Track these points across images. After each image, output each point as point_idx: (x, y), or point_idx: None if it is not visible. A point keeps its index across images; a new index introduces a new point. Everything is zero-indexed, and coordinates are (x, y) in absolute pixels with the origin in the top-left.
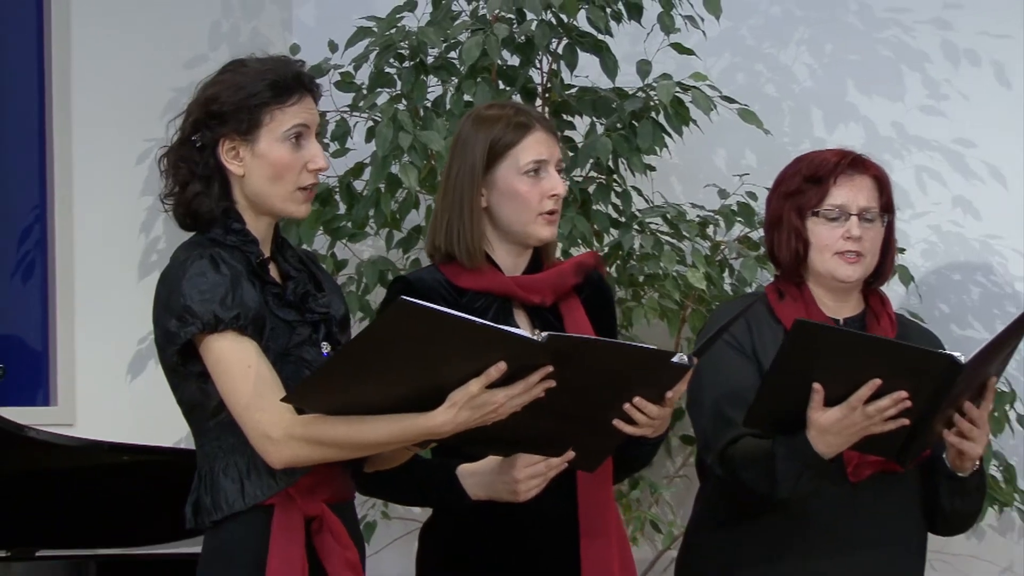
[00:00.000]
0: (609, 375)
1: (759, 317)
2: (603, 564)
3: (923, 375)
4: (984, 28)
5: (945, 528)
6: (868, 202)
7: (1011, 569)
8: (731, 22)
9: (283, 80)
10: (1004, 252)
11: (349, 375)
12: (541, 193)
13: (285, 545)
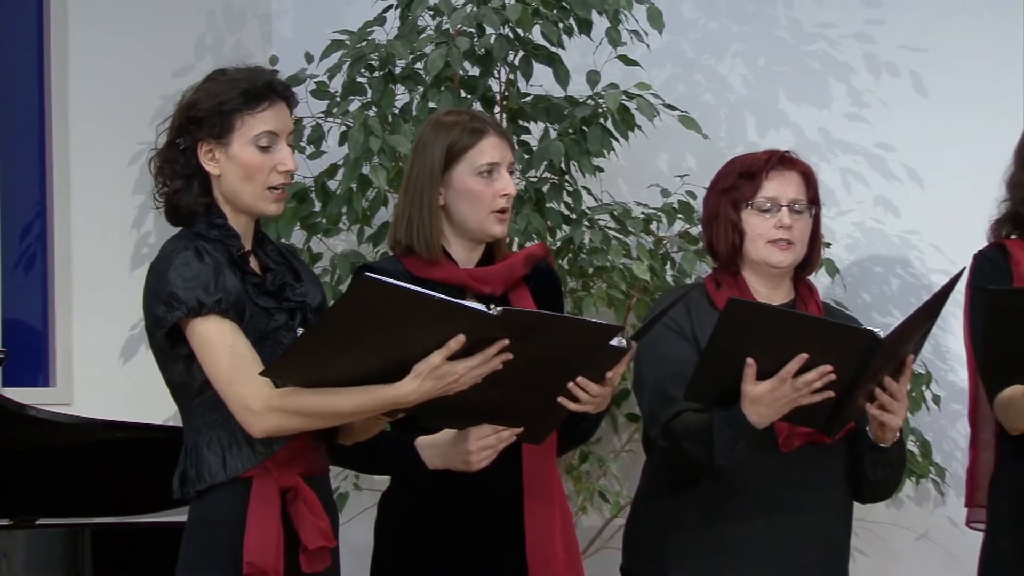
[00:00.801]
0: (558, 350)
1: (698, 304)
2: (545, 527)
3: (846, 350)
4: (903, 42)
5: (869, 496)
6: (797, 194)
7: (927, 536)
8: (672, 36)
9: (254, 88)
10: (921, 247)
11: (321, 349)
12: (494, 193)
13: (262, 514)
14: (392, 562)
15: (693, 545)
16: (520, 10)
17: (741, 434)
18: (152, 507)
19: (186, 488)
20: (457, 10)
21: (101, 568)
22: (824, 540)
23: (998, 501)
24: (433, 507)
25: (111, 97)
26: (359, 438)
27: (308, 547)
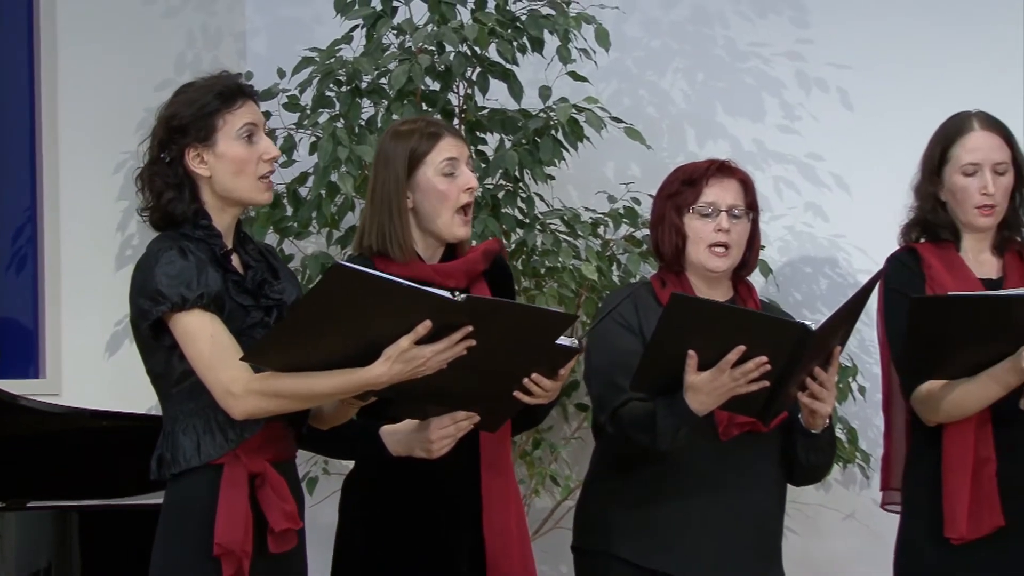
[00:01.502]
0: (517, 336)
1: (645, 301)
2: (501, 504)
3: (780, 342)
4: (831, 60)
5: (802, 479)
6: (735, 200)
7: (853, 516)
8: (618, 54)
9: (227, 89)
10: (848, 249)
11: (297, 335)
12: (458, 188)
13: (231, 498)
14: (355, 539)
15: (638, 523)
16: (478, 30)
17: (683, 421)
18: (134, 490)
19: (163, 470)
20: (419, 29)
21: (88, 547)
22: (758, 519)
23: (913, 486)
24: (394, 487)
25: (97, 109)
26: (332, 423)
27: (274, 529)
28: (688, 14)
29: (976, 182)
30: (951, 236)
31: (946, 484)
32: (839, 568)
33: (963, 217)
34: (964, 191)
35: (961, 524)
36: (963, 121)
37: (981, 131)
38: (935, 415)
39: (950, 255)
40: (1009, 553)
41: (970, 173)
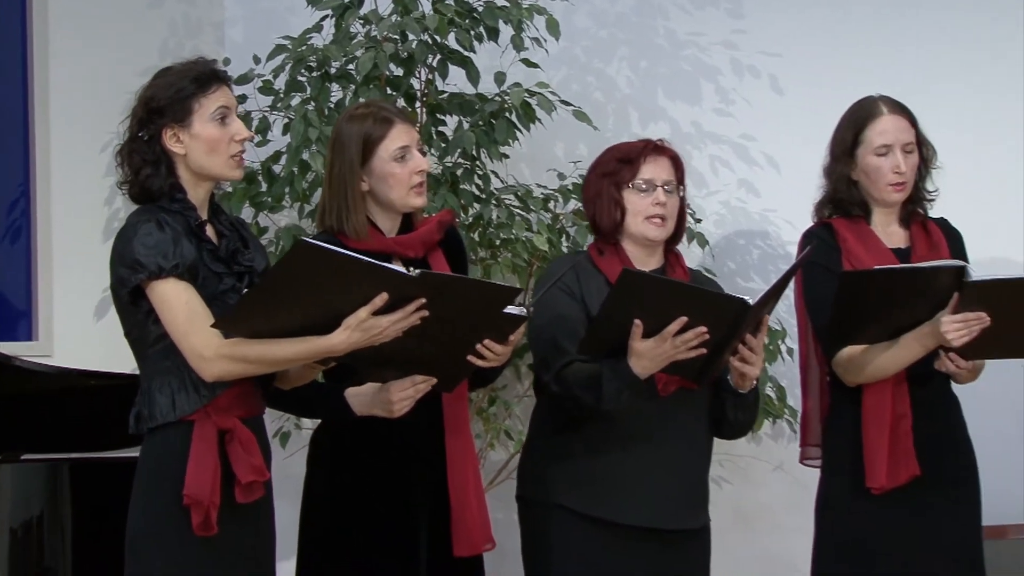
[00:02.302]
0: (467, 307)
1: (585, 269)
2: (462, 459)
3: (720, 315)
4: (763, 48)
5: (728, 434)
6: (669, 176)
7: (781, 467)
8: (568, 43)
9: (203, 74)
10: (778, 223)
11: (264, 305)
12: (410, 171)
13: (201, 453)
14: (322, 490)
15: (577, 474)
16: (438, 20)
17: (626, 383)
18: (120, 443)
19: (140, 424)
20: (384, 19)
21: (78, 495)
22: (690, 469)
23: (834, 442)
24: (359, 443)
25: (86, 93)
26: (295, 384)
27: (241, 481)
28: (632, 6)
29: (888, 162)
30: (861, 211)
31: (866, 439)
32: (768, 515)
33: (876, 194)
34: (878, 171)
35: (881, 475)
36: (872, 106)
37: (890, 115)
38: (857, 377)
39: (862, 228)
40: (922, 501)
41: (882, 154)
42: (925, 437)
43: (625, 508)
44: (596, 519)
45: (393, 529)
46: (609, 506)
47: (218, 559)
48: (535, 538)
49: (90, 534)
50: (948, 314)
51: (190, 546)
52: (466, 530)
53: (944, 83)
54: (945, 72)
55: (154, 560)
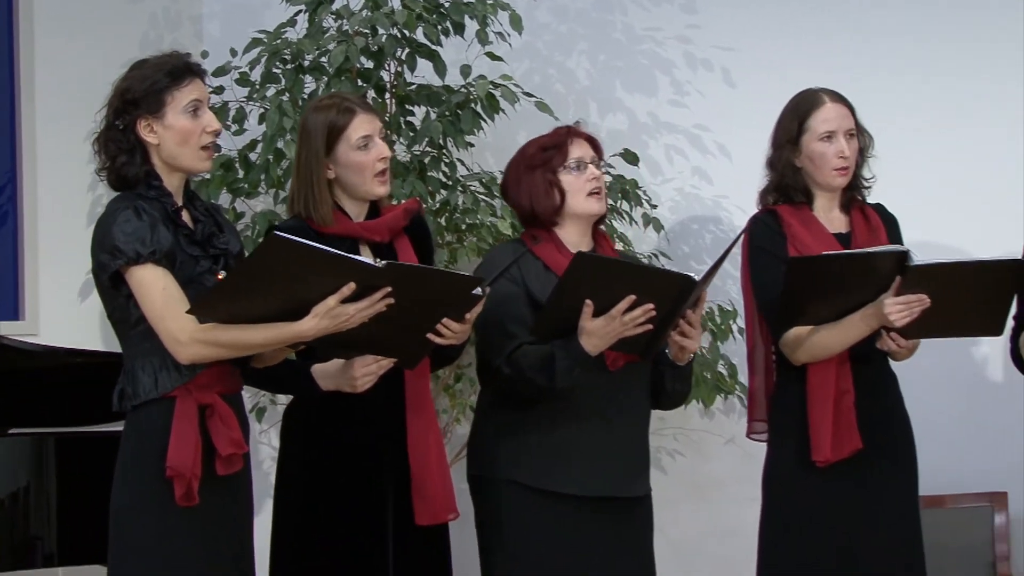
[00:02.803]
0: (430, 295)
1: (524, 257)
2: (423, 434)
3: (666, 291)
4: (716, 43)
5: (666, 404)
6: (593, 154)
7: (733, 441)
8: (530, 37)
9: (177, 68)
10: (729, 208)
11: (237, 293)
12: (373, 159)
13: (183, 427)
14: (293, 462)
15: (528, 450)
16: (406, 15)
17: (578, 361)
18: (103, 418)
19: (124, 402)
20: (355, 14)
21: (63, 468)
22: (636, 438)
23: (780, 416)
24: (328, 417)
25: (71, 84)
26: (268, 364)
27: (221, 453)
28: (591, 2)
29: (833, 147)
30: (804, 198)
31: (811, 415)
32: (719, 485)
33: (821, 179)
34: (822, 156)
35: (826, 449)
36: (814, 96)
37: (832, 103)
38: (803, 356)
39: (805, 214)
40: (863, 472)
41: (827, 140)
42: (866, 412)
43: (578, 480)
44: (549, 492)
45: (360, 500)
46: (562, 479)
47: (200, 529)
48: (489, 515)
49: (74, 505)
50: (891, 296)
51: (173, 517)
52: (427, 500)
53: (889, 74)
54: (890, 63)
55: (138, 531)
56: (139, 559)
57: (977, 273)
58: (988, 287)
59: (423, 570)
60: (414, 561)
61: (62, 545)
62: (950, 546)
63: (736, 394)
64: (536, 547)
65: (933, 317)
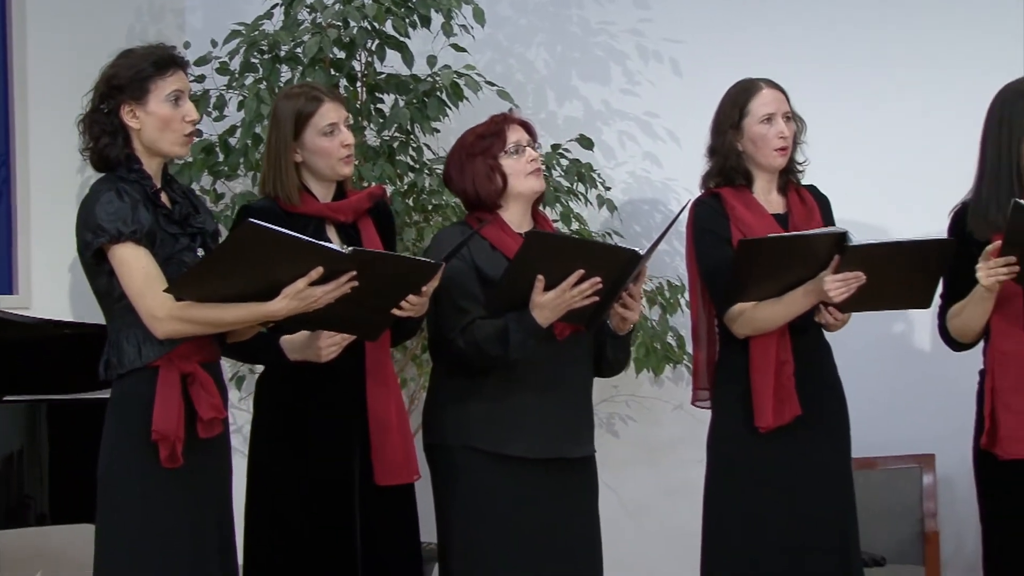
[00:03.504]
0: (391, 278)
1: (473, 238)
2: (382, 400)
3: (612, 265)
4: (666, 35)
5: (607, 371)
6: (527, 136)
7: (681, 407)
8: (492, 30)
9: (162, 59)
10: (677, 190)
11: (212, 274)
12: (338, 145)
13: (166, 394)
14: (265, 427)
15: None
16: (376, 8)
17: (531, 333)
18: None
19: (110, 371)
20: (328, 7)
21: (54, 433)
22: (582, 402)
23: (723, 385)
24: (297, 386)
25: (61, 72)
26: (241, 339)
27: (203, 418)
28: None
29: (773, 129)
30: (745, 181)
31: (754, 383)
32: (669, 448)
33: (762, 159)
34: (763, 138)
35: (768, 415)
36: (751, 83)
37: (768, 89)
38: (746, 329)
39: (747, 197)
40: (801, 436)
41: (766, 121)
42: (804, 381)
43: (530, 443)
44: (500, 455)
45: (326, 462)
46: (512, 443)
47: (183, 488)
48: (444, 479)
49: (65, 467)
50: (830, 274)
51: (157, 478)
52: (387, 462)
53: (825, 62)
54: (826, 52)
55: (125, 491)
56: (126, 517)
57: (910, 252)
58: (919, 264)
59: (389, 528)
60: (380, 519)
61: (54, 505)
62: (882, 504)
63: (684, 364)
64: (489, 508)
65: (868, 292)
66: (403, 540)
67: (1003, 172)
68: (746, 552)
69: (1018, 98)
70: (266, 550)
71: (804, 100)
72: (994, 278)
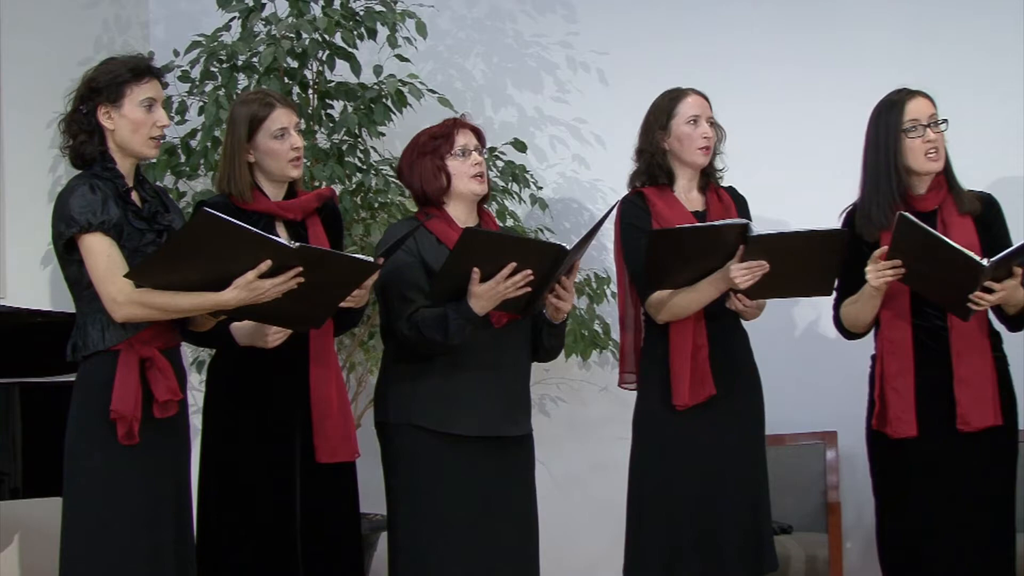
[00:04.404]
0: (335, 275)
1: (419, 232)
2: (324, 384)
3: (542, 259)
4: (593, 48)
5: (544, 357)
6: (476, 143)
7: (607, 389)
8: (433, 42)
9: (139, 67)
10: (604, 190)
11: (169, 262)
12: (288, 148)
13: (125, 377)
14: (215, 407)
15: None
16: (327, 21)
17: (468, 320)
18: (61, 370)
19: (76, 353)
20: (282, 20)
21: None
22: (520, 384)
23: (647, 367)
24: (245, 369)
25: (33, 79)
26: (200, 330)
27: (159, 399)
28: (486, 12)
29: (698, 129)
30: (667, 180)
31: (672, 365)
32: (595, 427)
33: (687, 157)
34: (689, 137)
35: (684, 394)
36: (679, 90)
37: (695, 96)
38: (664, 315)
39: (668, 195)
40: (717, 414)
41: (692, 123)
42: (720, 364)
43: (471, 422)
44: (444, 433)
45: (270, 440)
46: (457, 421)
47: (140, 464)
48: (394, 456)
49: (36, 445)
50: (735, 263)
51: (116, 453)
52: (328, 440)
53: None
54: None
55: (87, 465)
56: (89, 488)
57: (806, 241)
58: (815, 253)
59: (328, 502)
60: (320, 494)
61: (26, 480)
62: (789, 478)
63: (609, 349)
64: (433, 482)
65: (773, 280)
66: (343, 513)
67: (882, 177)
68: (666, 520)
69: (891, 108)
70: (216, 519)
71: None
72: (882, 279)
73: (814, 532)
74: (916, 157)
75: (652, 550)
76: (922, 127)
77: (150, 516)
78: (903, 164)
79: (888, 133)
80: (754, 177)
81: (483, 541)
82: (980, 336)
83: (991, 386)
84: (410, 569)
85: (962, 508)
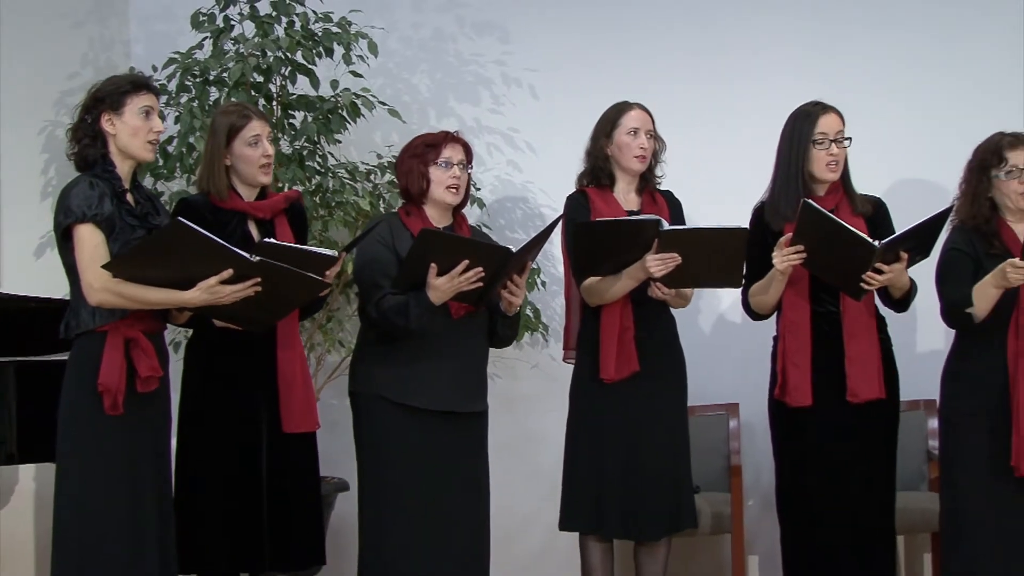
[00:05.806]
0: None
1: (396, 226)
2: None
3: (493, 259)
4: (526, 65)
5: (498, 344)
6: (461, 157)
7: (537, 366)
8: (384, 59)
9: (138, 82)
10: (535, 191)
11: (144, 259)
12: (260, 154)
13: (111, 355)
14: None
15: (395, 373)
16: (289, 41)
17: (425, 308)
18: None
19: (68, 331)
20: (249, 40)
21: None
22: (477, 367)
23: (582, 345)
24: (218, 349)
25: (27, 90)
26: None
27: (141, 375)
28: (430, 34)
29: (637, 140)
30: (609, 182)
31: (602, 343)
32: (528, 401)
33: (625, 163)
34: (628, 146)
35: (610, 369)
36: (624, 104)
37: (638, 110)
38: (594, 300)
39: (607, 194)
40: (643, 388)
41: (632, 134)
42: (646, 343)
43: (429, 397)
44: (409, 406)
45: (239, 413)
46: (417, 396)
47: (124, 433)
48: (364, 422)
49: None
50: (651, 255)
51: (103, 423)
52: (292, 413)
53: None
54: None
55: (77, 433)
56: (78, 455)
57: (712, 237)
58: (720, 248)
59: (291, 468)
60: (283, 461)
61: (22, 446)
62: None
63: (539, 331)
64: (396, 448)
65: (686, 271)
66: (304, 476)
67: (791, 175)
68: (596, 479)
69: (806, 118)
70: (190, 482)
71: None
72: (787, 263)
73: (719, 492)
74: (819, 166)
75: (584, 506)
76: (829, 141)
77: (131, 476)
78: (808, 170)
79: (800, 141)
80: (681, 184)
81: (437, 502)
82: (868, 319)
83: (877, 363)
84: (374, 522)
85: (851, 469)
